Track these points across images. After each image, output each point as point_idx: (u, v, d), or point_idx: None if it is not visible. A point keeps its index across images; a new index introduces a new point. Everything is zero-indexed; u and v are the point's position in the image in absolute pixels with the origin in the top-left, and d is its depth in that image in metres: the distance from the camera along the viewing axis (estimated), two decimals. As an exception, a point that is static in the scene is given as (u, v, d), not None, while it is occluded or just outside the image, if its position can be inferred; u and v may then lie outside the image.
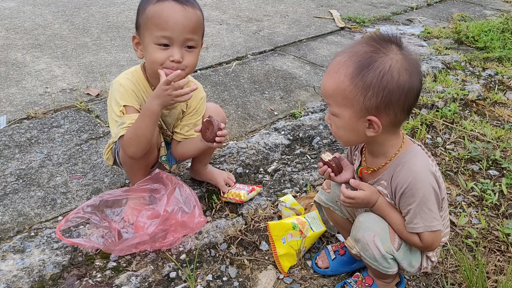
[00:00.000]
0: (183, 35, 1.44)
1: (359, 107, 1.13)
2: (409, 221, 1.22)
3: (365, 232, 1.26)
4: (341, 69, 1.14)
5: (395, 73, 1.10)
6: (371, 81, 1.10)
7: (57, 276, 1.47)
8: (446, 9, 4.86)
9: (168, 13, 1.42)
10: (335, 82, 1.15)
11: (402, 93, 1.12)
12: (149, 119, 1.49)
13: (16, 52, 3.09)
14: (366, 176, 1.34)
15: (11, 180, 1.90)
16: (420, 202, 1.19)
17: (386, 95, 1.11)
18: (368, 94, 1.11)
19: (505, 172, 2.12)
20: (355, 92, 1.12)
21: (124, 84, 1.54)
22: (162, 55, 1.45)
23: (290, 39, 3.69)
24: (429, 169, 1.20)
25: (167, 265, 1.53)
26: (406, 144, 1.25)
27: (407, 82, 1.12)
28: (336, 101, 1.16)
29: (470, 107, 2.74)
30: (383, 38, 1.15)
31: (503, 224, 1.80)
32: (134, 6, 4.21)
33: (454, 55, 3.45)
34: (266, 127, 2.44)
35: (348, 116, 1.16)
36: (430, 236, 1.22)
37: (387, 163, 1.25)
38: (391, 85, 1.10)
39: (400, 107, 1.14)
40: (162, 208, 1.54)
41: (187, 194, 1.61)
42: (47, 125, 2.28)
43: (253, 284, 1.51)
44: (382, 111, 1.13)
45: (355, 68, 1.12)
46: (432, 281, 1.55)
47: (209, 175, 1.87)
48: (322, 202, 1.48)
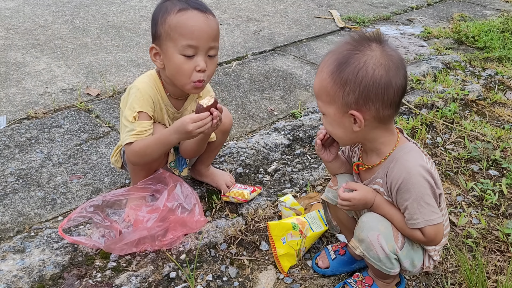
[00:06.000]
0: (208, 43, 1.46)
1: (340, 102, 1.18)
2: (409, 217, 1.22)
3: (369, 232, 1.26)
4: (324, 67, 1.19)
5: (369, 68, 1.14)
6: (347, 76, 1.15)
7: (57, 276, 1.47)
8: (446, 9, 4.86)
9: (193, 22, 1.44)
10: (319, 80, 1.21)
11: (379, 88, 1.15)
12: (163, 146, 1.52)
13: (16, 52, 3.09)
14: (362, 174, 1.35)
15: (11, 180, 1.90)
16: (417, 197, 1.19)
17: (362, 90, 1.14)
18: (346, 89, 1.15)
19: (505, 172, 2.12)
20: (335, 88, 1.17)
21: (141, 89, 1.54)
22: (189, 66, 1.47)
23: (290, 39, 3.69)
24: (422, 164, 1.20)
25: (167, 265, 1.53)
26: (400, 142, 1.26)
27: (383, 77, 1.14)
28: (322, 99, 1.22)
29: (470, 107, 2.74)
30: (363, 37, 1.19)
31: (503, 224, 1.80)
32: (134, 6, 4.24)
33: (454, 55, 3.45)
34: (266, 127, 2.44)
35: (333, 112, 1.21)
36: (432, 229, 1.22)
37: (382, 161, 1.26)
38: (366, 80, 1.14)
39: (380, 102, 1.16)
40: (162, 203, 1.55)
41: (188, 192, 1.61)
42: (47, 125, 2.28)
43: (253, 284, 1.51)
44: (362, 105, 1.16)
45: (334, 66, 1.17)
46: (432, 281, 1.55)
47: (211, 177, 1.87)
48: (329, 200, 1.47)
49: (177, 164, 1.75)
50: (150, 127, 1.54)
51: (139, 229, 1.52)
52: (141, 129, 1.51)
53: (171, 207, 1.56)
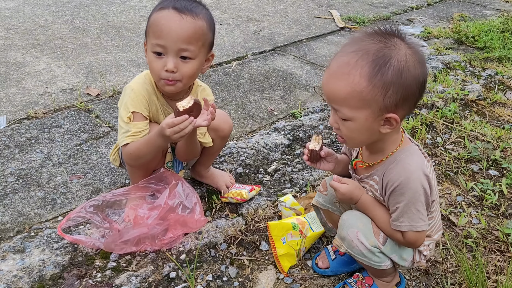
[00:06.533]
0: (176, 44, 1.42)
1: (377, 107, 1.10)
2: (395, 218, 1.22)
3: (349, 229, 1.28)
4: (354, 70, 1.08)
5: (411, 67, 1.08)
6: (391, 78, 1.07)
7: (57, 276, 1.47)
8: (446, 9, 4.86)
9: (164, 22, 1.42)
10: (348, 84, 1.09)
11: (417, 87, 1.11)
12: (153, 149, 1.51)
13: (16, 52, 3.09)
14: (360, 170, 1.34)
15: (11, 180, 1.90)
16: (409, 202, 1.18)
17: (404, 91, 1.09)
18: (388, 92, 1.08)
19: (505, 172, 2.12)
20: (374, 92, 1.08)
21: (135, 89, 1.53)
22: (158, 64, 1.45)
23: (290, 39, 3.69)
24: (423, 170, 1.19)
25: (167, 265, 1.53)
26: (404, 142, 1.25)
27: (421, 75, 1.11)
28: (349, 105, 1.11)
29: (470, 107, 2.74)
30: (386, 32, 1.12)
31: (503, 224, 1.80)
32: (134, 6, 4.24)
33: (454, 55, 3.45)
34: (266, 127, 2.44)
35: (364, 117, 1.12)
36: (414, 235, 1.22)
37: (383, 160, 1.25)
38: (410, 80, 1.09)
39: (415, 100, 1.14)
40: (163, 200, 1.55)
41: (189, 191, 1.61)
42: (47, 125, 2.28)
43: (253, 284, 1.51)
44: (400, 107, 1.11)
45: (372, 68, 1.07)
46: (432, 281, 1.55)
47: (210, 178, 1.87)
48: (320, 205, 1.48)
49: (174, 165, 1.74)
50: (146, 127, 1.53)
51: (139, 226, 1.52)
52: (136, 130, 1.51)
53: (172, 205, 1.56)
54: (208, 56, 1.55)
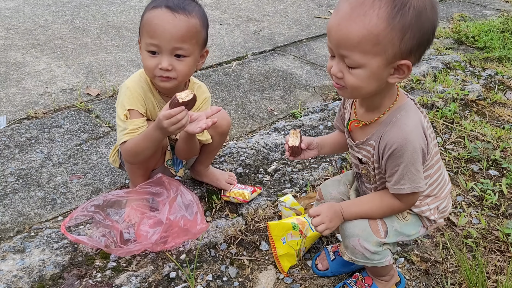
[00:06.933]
0: (170, 43, 1.42)
1: (392, 52, 1.01)
2: (396, 182, 1.17)
3: (350, 239, 1.27)
4: (371, 10, 0.98)
5: (428, 10, 1.00)
6: (410, 20, 0.98)
7: (57, 276, 1.47)
8: (446, 9, 4.86)
9: (157, 21, 1.42)
10: (364, 26, 0.98)
11: (432, 32, 1.03)
12: (151, 143, 1.50)
13: (16, 52, 3.09)
14: (355, 134, 1.28)
15: (11, 180, 1.90)
16: (408, 163, 1.14)
17: (421, 36, 1.01)
18: (406, 36, 0.99)
19: (505, 172, 2.12)
20: (391, 35, 0.99)
21: (131, 87, 1.54)
22: (152, 63, 1.46)
23: (290, 39, 3.69)
24: (420, 128, 1.14)
25: (167, 265, 1.53)
26: (400, 97, 1.18)
27: (436, 20, 1.03)
28: (363, 50, 1.01)
29: (470, 107, 2.74)
30: None
31: (503, 224, 1.80)
32: (134, 6, 4.24)
33: (454, 55, 3.45)
34: (266, 127, 2.44)
35: (376, 64, 1.02)
36: (414, 197, 1.21)
37: (380, 117, 1.18)
38: (427, 24, 1.01)
39: (426, 47, 1.06)
40: (165, 216, 1.53)
41: (189, 201, 1.59)
42: (47, 125, 2.28)
43: (253, 284, 1.51)
44: (413, 53, 1.03)
45: (391, 8, 0.97)
46: (432, 281, 1.55)
47: (210, 176, 1.87)
48: None
49: (173, 163, 1.75)
50: (143, 124, 1.53)
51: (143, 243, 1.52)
52: (134, 127, 1.51)
53: (174, 219, 1.55)
54: (202, 52, 1.55)
